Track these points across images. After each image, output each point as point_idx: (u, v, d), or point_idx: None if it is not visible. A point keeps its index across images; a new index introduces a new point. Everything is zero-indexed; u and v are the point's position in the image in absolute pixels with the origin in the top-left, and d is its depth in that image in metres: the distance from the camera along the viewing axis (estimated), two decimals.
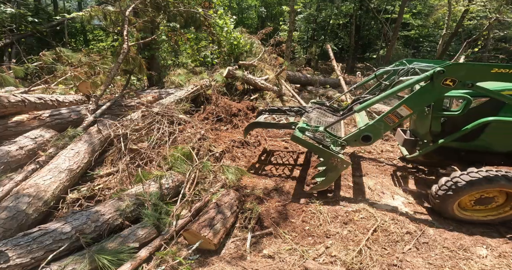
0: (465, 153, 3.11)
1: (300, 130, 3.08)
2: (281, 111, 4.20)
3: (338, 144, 3.01)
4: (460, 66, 2.54)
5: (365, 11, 17.57)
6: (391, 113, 2.77)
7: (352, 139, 2.96)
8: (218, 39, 8.26)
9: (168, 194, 2.92)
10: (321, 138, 3.07)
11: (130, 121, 3.84)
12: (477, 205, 2.84)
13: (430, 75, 2.56)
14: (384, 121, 2.81)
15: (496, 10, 10.44)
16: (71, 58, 5.28)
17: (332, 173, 3.01)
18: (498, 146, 2.98)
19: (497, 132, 2.85)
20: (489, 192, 2.73)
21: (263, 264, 2.31)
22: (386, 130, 2.90)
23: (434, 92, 2.63)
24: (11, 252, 1.91)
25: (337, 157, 2.89)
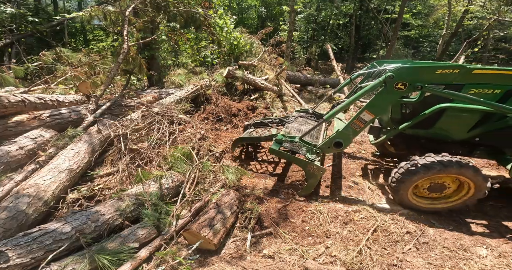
0: (425, 141, 3.25)
1: (277, 142, 3.21)
2: (264, 124, 4.35)
3: (313, 152, 3.14)
4: (408, 70, 2.65)
5: (365, 11, 17.56)
6: (356, 119, 2.91)
7: (325, 146, 3.12)
8: (218, 39, 8.26)
9: (168, 194, 2.92)
10: (297, 147, 3.19)
11: (130, 121, 3.84)
12: (431, 193, 2.96)
13: (383, 80, 2.69)
14: (352, 127, 2.96)
15: (495, 10, 10.44)
16: (71, 58, 5.28)
17: (311, 179, 3.16)
18: (454, 134, 3.10)
19: (451, 119, 2.96)
20: (442, 178, 2.84)
21: (263, 264, 2.31)
22: (354, 136, 3.05)
23: (390, 97, 2.77)
24: (11, 252, 1.91)
25: (312, 164, 3.03)
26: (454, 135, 3.11)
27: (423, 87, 2.64)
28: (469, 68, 2.58)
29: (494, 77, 2.63)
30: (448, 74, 2.59)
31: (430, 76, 2.64)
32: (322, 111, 6.82)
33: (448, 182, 2.90)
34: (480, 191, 2.81)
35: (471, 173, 2.69)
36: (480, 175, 2.72)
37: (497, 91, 2.74)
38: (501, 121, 2.92)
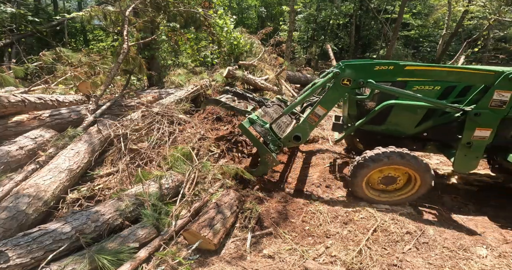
0: (381, 137, 3.42)
1: (250, 121, 3.32)
2: (244, 97, 4.32)
3: (275, 144, 3.27)
4: (350, 67, 2.84)
5: (365, 11, 17.58)
6: (311, 114, 3.07)
7: (286, 139, 3.25)
8: (218, 39, 8.26)
9: (168, 194, 2.91)
10: (264, 133, 3.30)
11: (130, 121, 3.84)
12: (384, 185, 3.13)
13: (331, 77, 2.88)
14: (308, 121, 3.11)
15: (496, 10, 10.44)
16: (71, 58, 5.28)
17: (262, 166, 3.32)
18: (403, 129, 3.28)
19: (399, 115, 3.16)
20: (391, 170, 3.01)
21: (263, 264, 2.31)
22: (311, 129, 3.20)
23: (338, 92, 2.96)
24: (11, 252, 1.90)
25: (270, 155, 3.18)
26: (404, 130, 3.29)
27: (365, 83, 2.81)
28: (401, 65, 2.72)
29: (424, 73, 2.77)
30: (385, 71, 2.76)
31: (370, 73, 2.81)
32: None
33: (398, 175, 3.06)
34: (425, 182, 2.95)
35: (414, 164, 2.85)
36: (423, 166, 2.86)
37: (437, 87, 2.97)
38: (444, 116, 3.11)
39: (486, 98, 2.69)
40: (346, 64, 2.87)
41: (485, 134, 2.81)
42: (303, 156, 4.49)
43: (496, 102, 2.69)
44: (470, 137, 2.84)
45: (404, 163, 2.86)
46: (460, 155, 2.95)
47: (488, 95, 2.68)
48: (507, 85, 2.61)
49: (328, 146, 4.88)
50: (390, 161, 2.87)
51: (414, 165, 2.86)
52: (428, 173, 2.90)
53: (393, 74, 2.78)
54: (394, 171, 3.02)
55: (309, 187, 3.58)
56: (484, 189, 3.65)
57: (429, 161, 4.41)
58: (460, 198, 3.46)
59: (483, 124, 2.77)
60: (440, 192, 3.55)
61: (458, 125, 2.98)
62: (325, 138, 5.19)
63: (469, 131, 2.82)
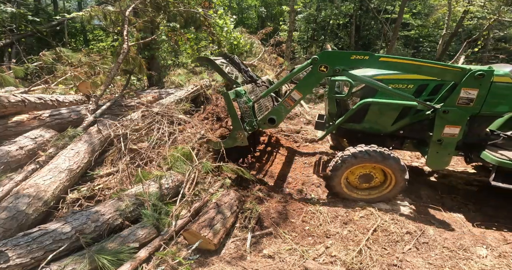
0: (361, 135, 3.50)
1: (236, 93, 3.33)
2: (239, 67, 4.29)
3: (251, 124, 3.32)
4: (328, 54, 2.93)
5: (365, 11, 17.58)
6: (287, 98, 3.14)
7: (262, 122, 3.32)
8: (218, 39, 8.26)
9: (168, 194, 2.91)
10: (245, 110, 3.33)
11: (130, 121, 3.84)
12: (362, 183, 3.19)
13: (309, 62, 2.94)
14: (284, 105, 3.17)
15: (495, 10, 10.44)
16: (71, 58, 5.28)
17: (229, 141, 3.34)
18: (381, 127, 3.35)
19: (376, 113, 3.24)
20: (370, 168, 3.10)
21: (263, 264, 2.31)
22: (286, 113, 3.26)
23: (315, 78, 3.00)
24: (11, 252, 1.90)
25: (243, 133, 3.22)
26: (381, 128, 3.36)
27: (340, 71, 2.88)
28: (376, 56, 2.77)
29: (397, 65, 2.81)
30: (360, 60, 2.80)
31: (346, 61, 2.86)
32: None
33: (375, 173, 3.13)
34: (400, 180, 3.02)
35: (392, 163, 2.92)
36: (398, 165, 2.93)
37: (411, 86, 3.07)
38: (418, 114, 3.15)
39: (454, 96, 2.73)
40: (324, 52, 2.95)
41: (454, 131, 2.85)
42: (303, 156, 4.49)
43: (463, 100, 2.73)
44: (440, 134, 2.88)
45: (385, 163, 2.93)
46: (432, 152, 3.00)
47: (455, 93, 2.72)
48: (473, 83, 2.64)
49: (328, 146, 4.88)
50: (371, 159, 2.93)
51: (393, 166, 2.92)
52: (403, 173, 2.95)
53: (368, 64, 2.83)
54: (367, 168, 3.10)
55: (309, 187, 3.58)
56: (484, 189, 3.65)
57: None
58: (460, 198, 3.46)
59: (452, 121, 2.81)
60: (440, 192, 3.56)
61: (430, 123, 3.03)
62: (324, 139, 5.19)
63: (439, 128, 2.87)
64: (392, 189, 3.10)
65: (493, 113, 2.94)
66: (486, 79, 2.63)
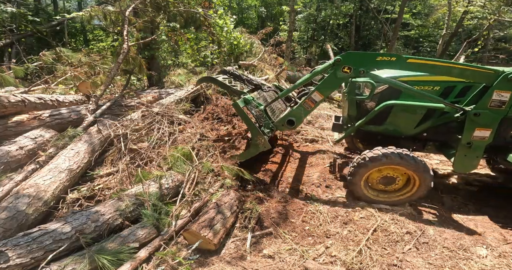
0: (381, 137, 3.41)
1: (245, 101, 3.30)
2: (241, 79, 4.30)
3: (268, 126, 3.27)
4: (353, 55, 2.85)
5: (365, 11, 17.59)
6: (307, 99, 3.05)
7: (280, 123, 3.24)
8: (218, 39, 8.27)
9: (168, 194, 2.91)
10: (258, 115, 3.29)
11: (130, 121, 3.84)
12: (383, 185, 3.11)
13: (332, 63, 2.86)
14: (303, 106, 3.09)
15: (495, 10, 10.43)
16: (71, 58, 5.28)
17: (252, 149, 3.28)
18: (403, 129, 3.27)
19: (399, 115, 3.16)
20: (390, 170, 3.00)
21: (263, 264, 2.30)
22: (306, 115, 3.20)
23: (337, 79, 2.92)
24: (11, 252, 1.90)
25: (262, 137, 3.15)
26: (404, 131, 3.28)
27: (365, 73, 2.80)
28: (404, 57, 2.72)
29: (427, 67, 2.74)
30: (386, 62, 2.74)
31: (371, 62, 2.80)
32: (322, 111, 6.81)
33: (398, 175, 3.04)
34: (424, 183, 2.93)
35: (413, 164, 2.83)
36: (422, 167, 2.84)
37: (437, 88, 2.97)
38: (443, 116, 3.09)
39: (486, 99, 2.69)
40: (349, 52, 2.87)
41: (484, 134, 2.80)
42: (303, 156, 4.49)
43: (495, 103, 2.68)
44: (470, 137, 2.83)
45: (402, 163, 2.85)
46: (460, 155, 2.94)
47: (487, 96, 2.68)
48: (507, 85, 2.61)
49: (328, 146, 4.88)
50: (390, 161, 2.85)
51: (413, 165, 2.85)
52: (427, 174, 2.88)
53: (395, 65, 2.76)
54: (393, 171, 3.02)
55: (309, 187, 3.58)
56: (484, 189, 3.65)
57: (429, 161, 4.41)
58: (460, 198, 3.46)
59: (483, 124, 2.76)
60: (440, 192, 3.55)
61: (458, 125, 2.97)
62: (324, 138, 5.19)
63: (469, 131, 2.81)
64: (417, 191, 3.01)
65: None
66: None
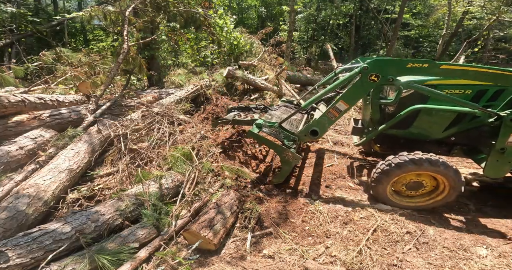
0: (404, 140, 3.32)
1: (257, 126, 3.25)
2: (248, 108, 4.40)
3: (291, 139, 3.19)
4: (381, 62, 2.73)
5: (365, 11, 17.59)
6: (332, 109, 2.96)
7: (302, 134, 3.15)
8: (218, 39, 8.27)
9: (168, 194, 2.91)
10: (276, 133, 3.25)
11: (130, 121, 3.84)
12: (409, 190, 3.03)
13: (358, 71, 2.76)
14: (327, 116, 3.00)
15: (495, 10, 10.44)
16: (71, 58, 5.28)
17: (285, 166, 3.23)
18: (430, 133, 3.19)
19: (427, 119, 3.06)
20: (419, 176, 2.92)
21: (263, 264, 2.31)
22: (330, 125, 3.10)
23: (364, 88, 2.83)
24: (11, 252, 1.90)
25: (288, 151, 3.08)
26: (431, 135, 3.21)
27: (394, 80, 2.72)
28: (437, 63, 2.64)
29: (461, 73, 2.67)
30: (418, 68, 2.65)
31: (401, 69, 2.71)
32: None
33: (425, 180, 2.97)
34: (455, 188, 2.86)
35: (443, 170, 2.75)
36: (453, 172, 2.78)
37: (468, 91, 2.87)
38: (474, 121, 3.02)
39: None
40: (376, 60, 2.76)
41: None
42: (303, 156, 4.49)
43: None
44: (505, 143, 2.75)
45: (434, 170, 2.77)
46: (492, 160, 2.87)
47: None
48: None
49: (328, 146, 4.88)
50: (417, 167, 2.78)
51: (445, 172, 2.76)
52: (458, 178, 2.80)
53: (428, 72, 2.65)
54: (419, 176, 2.93)
55: (309, 187, 3.58)
56: (484, 189, 3.65)
57: None
58: (460, 198, 3.46)
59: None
60: None
61: (491, 130, 2.89)
62: (324, 138, 5.19)
63: (504, 137, 2.72)
64: (448, 195, 2.93)
65: None
66: None
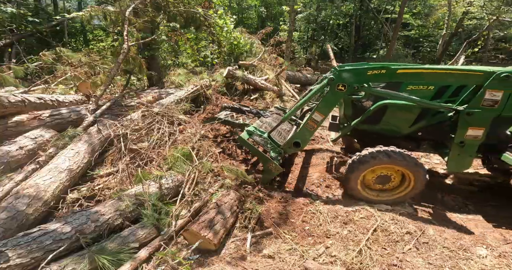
0: (376, 136, 3.42)
1: (248, 133, 3.41)
2: (241, 111, 4.47)
3: (276, 151, 3.33)
4: (344, 72, 2.86)
5: (365, 11, 17.58)
6: (310, 120, 3.10)
7: (286, 146, 3.30)
8: (218, 39, 8.26)
9: (168, 194, 2.91)
10: (264, 143, 3.37)
11: (130, 121, 3.84)
12: (379, 184, 3.14)
13: (326, 83, 2.90)
14: (307, 128, 3.14)
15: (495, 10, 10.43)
16: (71, 58, 5.28)
17: (266, 175, 3.36)
18: (398, 129, 3.31)
19: (393, 115, 3.19)
20: (387, 169, 3.03)
21: (263, 264, 2.30)
22: (310, 135, 3.24)
23: (334, 98, 2.98)
24: (11, 252, 1.91)
25: (272, 162, 3.19)
26: (399, 130, 3.31)
27: (359, 88, 2.86)
28: (393, 69, 2.77)
29: (416, 76, 2.82)
30: (378, 75, 2.80)
31: (363, 77, 2.84)
32: None
33: (393, 174, 3.08)
34: (419, 182, 2.97)
35: (412, 165, 2.87)
36: (419, 167, 2.89)
37: (431, 87, 2.98)
38: (437, 116, 3.13)
39: (478, 98, 2.72)
40: (340, 69, 2.89)
41: (477, 133, 2.83)
42: (303, 156, 4.49)
43: (487, 102, 2.71)
44: (463, 136, 2.86)
45: (392, 161, 2.89)
46: (453, 154, 2.98)
47: (479, 95, 2.71)
48: (498, 85, 2.64)
49: (328, 146, 4.88)
50: (377, 161, 2.91)
51: (402, 162, 2.87)
52: (420, 168, 2.91)
53: (387, 78, 2.82)
54: (386, 170, 3.04)
55: (309, 187, 3.58)
56: (484, 189, 3.65)
57: (430, 161, 4.41)
58: (460, 198, 3.46)
59: (475, 123, 2.79)
60: (440, 192, 3.55)
61: (451, 124, 3.00)
62: (324, 138, 5.19)
63: (462, 130, 2.85)
64: (413, 189, 3.04)
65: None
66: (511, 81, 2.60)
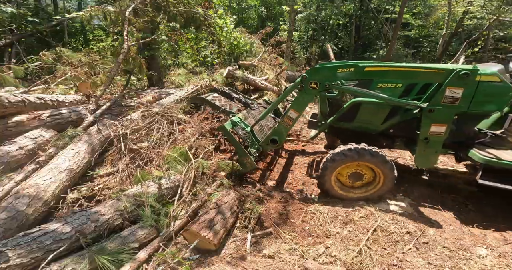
0: (352, 133, 3.51)
1: (232, 123, 3.43)
2: (231, 97, 4.43)
3: (255, 147, 3.38)
4: (315, 70, 2.97)
5: (365, 11, 17.58)
6: (285, 118, 3.18)
7: (264, 143, 3.37)
8: (218, 39, 8.26)
9: (168, 194, 2.91)
10: (245, 136, 3.41)
11: (130, 121, 3.84)
12: (352, 181, 3.20)
13: (299, 81, 2.98)
14: (283, 125, 3.23)
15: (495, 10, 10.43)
16: (71, 58, 5.28)
17: (240, 168, 3.39)
18: (371, 126, 3.37)
19: (367, 112, 3.27)
20: (359, 167, 3.10)
21: (263, 264, 2.30)
22: (286, 132, 3.31)
23: (308, 95, 3.04)
24: (11, 252, 1.90)
25: (249, 157, 3.27)
26: (373, 127, 3.38)
27: (330, 85, 2.93)
28: (361, 67, 2.82)
29: (381, 74, 2.91)
30: (347, 73, 2.86)
31: (334, 75, 2.90)
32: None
33: (365, 172, 3.14)
34: (388, 179, 3.04)
35: (380, 162, 2.95)
36: (387, 164, 2.96)
37: (399, 85, 3.06)
38: (406, 113, 3.19)
39: (439, 95, 2.75)
40: (312, 68, 3.00)
41: (440, 130, 2.86)
42: (303, 156, 4.49)
43: (448, 99, 2.74)
44: (427, 133, 2.90)
45: (361, 159, 2.95)
46: (419, 150, 3.02)
47: (440, 92, 2.74)
48: (458, 82, 2.67)
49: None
50: (348, 159, 2.97)
51: (371, 159, 2.94)
52: (387, 165, 2.96)
53: (355, 75, 2.89)
54: (358, 167, 3.11)
55: (309, 187, 3.58)
56: (484, 189, 3.64)
57: None
58: (460, 198, 3.46)
59: (437, 120, 2.83)
60: (440, 192, 3.55)
61: (418, 122, 3.04)
62: (323, 138, 5.19)
63: (425, 127, 2.89)
64: (383, 186, 3.11)
65: (481, 112, 2.93)
66: (471, 78, 2.65)
